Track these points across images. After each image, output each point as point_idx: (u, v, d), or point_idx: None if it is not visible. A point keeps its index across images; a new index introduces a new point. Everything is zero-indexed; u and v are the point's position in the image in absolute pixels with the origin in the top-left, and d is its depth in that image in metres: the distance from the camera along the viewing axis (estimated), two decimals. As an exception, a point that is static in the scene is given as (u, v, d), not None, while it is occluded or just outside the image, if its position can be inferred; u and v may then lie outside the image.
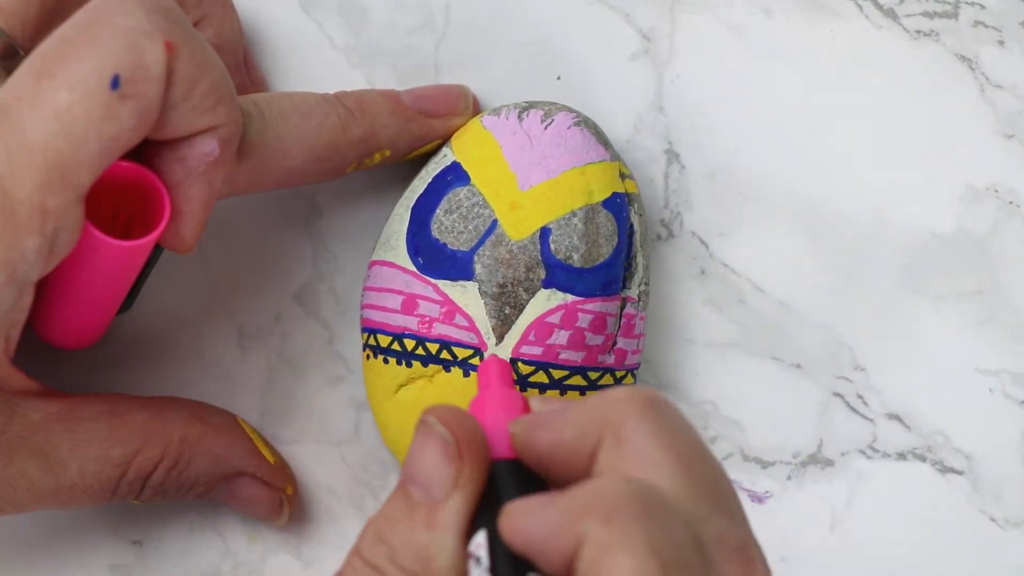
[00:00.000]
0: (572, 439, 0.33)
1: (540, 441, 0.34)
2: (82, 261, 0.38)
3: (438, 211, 0.44)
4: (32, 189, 0.35)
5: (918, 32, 0.48)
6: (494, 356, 0.40)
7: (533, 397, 0.36)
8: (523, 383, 0.43)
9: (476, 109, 0.47)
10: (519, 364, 0.43)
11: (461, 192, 0.44)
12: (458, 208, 0.43)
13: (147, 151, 0.38)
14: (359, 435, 0.47)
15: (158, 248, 0.42)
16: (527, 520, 0.32)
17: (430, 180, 0.44)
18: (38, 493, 0.40)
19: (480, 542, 0.34)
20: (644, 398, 0.33)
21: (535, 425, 0.34)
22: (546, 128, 0.44)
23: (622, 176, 0.44)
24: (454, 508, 0.34)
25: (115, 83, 0.35)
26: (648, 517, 0.30)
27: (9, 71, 0.38)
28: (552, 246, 0.43)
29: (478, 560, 0.33)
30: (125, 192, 0.39)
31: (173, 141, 0.38)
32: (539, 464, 0.34)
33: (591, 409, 0.33)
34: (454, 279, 0.43)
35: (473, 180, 0.44)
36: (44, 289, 0.39)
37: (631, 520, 0.30)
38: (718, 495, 0.32)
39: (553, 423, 0.34)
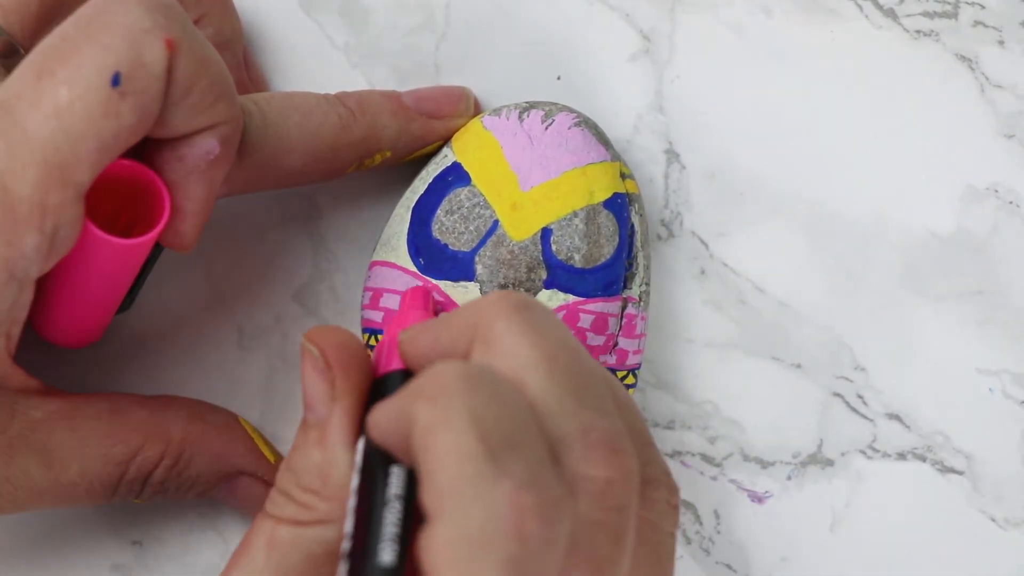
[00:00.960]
0: (447, 343, 0.34)
1: (420, 347, 0.35)
2: (82, 259, 0.38)
3: (439, 212, 0.44)
4: (32, 186, 0.35)
5: (918, 32, 0.48)
6: (417, 286, 0.42)
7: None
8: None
9: (477, 110, 0.47)
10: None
11: (462, 193, 0.44)
12: (459, 209, 0.43)
13: (147, 149, 0.38)
14: (359, 435, 0.47)
15: (158, 247, 0.42)
16: (379, 415, 0.33)
17: (431, 181, 0.44)
18: (39, 491, 0.40)
19: (359, 448, 0.34)
20: (513, 300, 0.33)
21: (417, 332, 0.35)
22: (547, 128, 0.44)
23: (623, 176, 0.44)
24: (337, 421, 0.35)
25: (115, 80, 0.35)
26: (473, 394, 0.31)
27: (9, 69, 0.38)
28: (553, 246, 0.43)
29: (357, 466, 0.34)
30: (126, 191, 0.39)
31: (173, 139, 0.38)
32: (423, 370, 0.34)
33: (465, 313, 0.34)
34: (455, 280, 0.43)
35: (474, 181, 0.44)
36: (44, 287, 0.39)
37: (454, 398, 0.31)
38: (587, 391, 0.33)
39: (432, 329, 0.35)
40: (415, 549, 0.31)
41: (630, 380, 0.45)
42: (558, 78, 0.48)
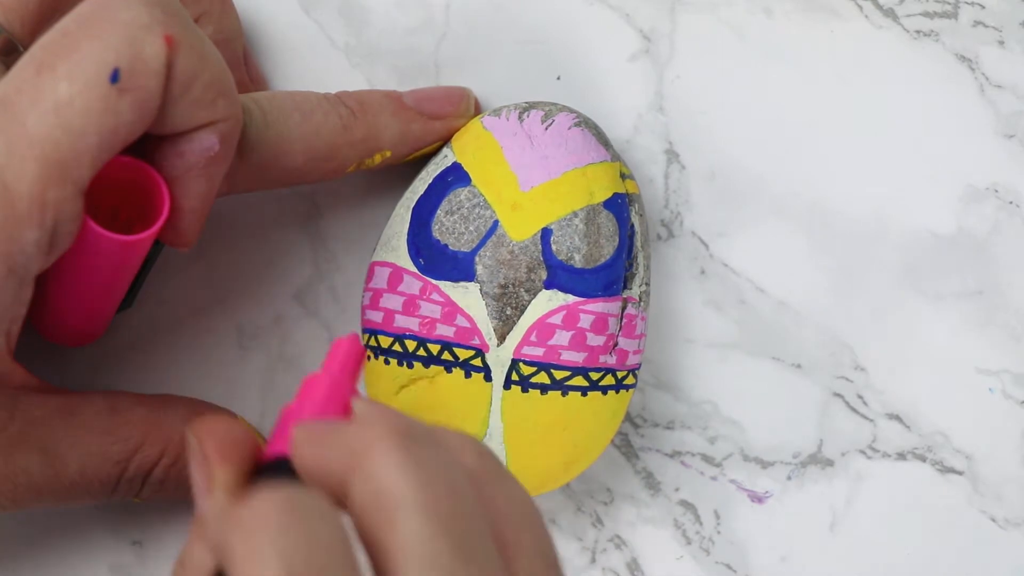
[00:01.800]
0: (335, 464, 0.32)
1: (307, 461, 0.33)
2: (82, 256, 0.38)
3: (439, 212, 0.44)
4: (32, 182, 0.35)
5: (918, 32, 0.48)
6: (352, 336, 0.36)
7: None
8: (525, 384, 0.43)
9: (477, 110, 0.47)
10: (521, 365, 0.43)
11: (462, 193, 0.44)
12: (459, 209, 0.44)
13: (147, 146, 0.38)
14: (359, 435, 0.47)
15: (158, 245, 0.42)
16: (209, 525, 0.32)
17: (431, 181, 0.44)
18: (39, 489, 0.40)
19: None
20: (395, 430, 0.31)
21: (309, 442, 0.33)
22: (547, 129, 0.44)
23: (623, 176, 0.44)
24: (212, 513, 0.33)
25: (115, 77, 0.35)
26: (287, 531, 0.30)
27: (8, 67, 0.38)
28: (553, 247, 0.43)
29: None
30: (126, 189, 0.39)
31: (173, 136, 0.38)
32: (309, 478, 0.32)
33: (349, 437, 0.32)
34: (455, 280, 0.43)
35: (474, 181, 0.44)
36: (44, 285, 0.39)
37: (268, 534, 0.29)
38: (466, 543, 0.31)
39: (322, 444, 0.33)
40: None
41: (630, 380, 0.45)
42: (558, 78, 0.48)
